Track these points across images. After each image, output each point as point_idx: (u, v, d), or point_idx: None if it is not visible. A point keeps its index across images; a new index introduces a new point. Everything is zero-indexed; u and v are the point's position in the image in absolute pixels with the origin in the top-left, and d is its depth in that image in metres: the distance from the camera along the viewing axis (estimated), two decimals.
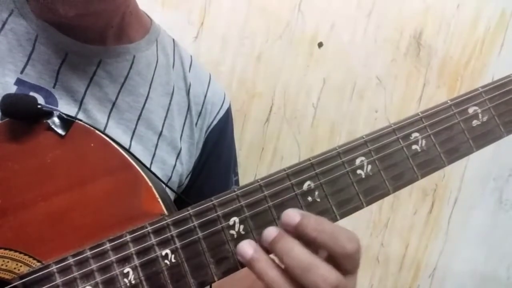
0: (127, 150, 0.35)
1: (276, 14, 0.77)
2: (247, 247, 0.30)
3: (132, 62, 0.47)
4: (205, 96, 0.54)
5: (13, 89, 0.40)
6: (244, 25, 0.76)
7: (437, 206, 0.89)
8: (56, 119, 0.34)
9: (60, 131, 0.34)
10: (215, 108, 0.55)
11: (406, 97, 0.84)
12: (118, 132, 0.44)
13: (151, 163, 0.47)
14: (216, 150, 0.55)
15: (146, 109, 0.47)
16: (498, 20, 0.84)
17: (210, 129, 0.54)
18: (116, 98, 0.45)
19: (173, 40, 0.55)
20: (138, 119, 0.47)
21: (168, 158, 0.49)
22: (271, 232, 0.30)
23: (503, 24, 0.84)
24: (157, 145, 0.48)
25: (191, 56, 0.56)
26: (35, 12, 0.42)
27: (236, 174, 0.60)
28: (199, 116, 0.53)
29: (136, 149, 0.45)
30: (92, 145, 0.34)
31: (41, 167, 0.33)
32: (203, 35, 0.76)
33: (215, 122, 0.55)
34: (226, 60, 0.77)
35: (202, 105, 0.54)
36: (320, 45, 0.79)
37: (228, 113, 0.58)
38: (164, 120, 0.49)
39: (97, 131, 0.35)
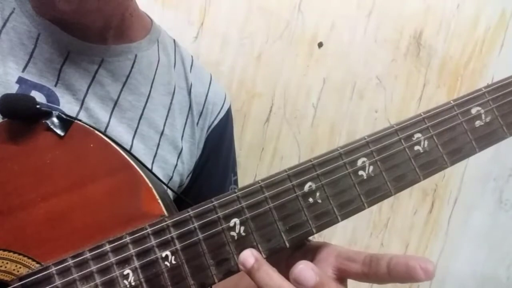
0: (127, 151, 0.35)
1: (276, 14, 0.77)
2: (249, 257, 0.30)
3: (134, 61, 0.47)
4: (206, 96, 0.54)
5: (15, 87, 0.40)
6: (244, 25, 0.76)
7: (437, 206, 0.89)
8: (55, 119, 0.34)
9: (59, 131, 0.34)
10: (216, 108, 0.55)
11: (406, 97, 0.83)
12: (120, 131, 0.44)
13: (153, 162, 0.47)
14: (216, 151, 0.55)
15: (148, 108, 0.47)
16: (498, 20, 0.84)
17: (210, 129, 0.54)
18: (118, 97, 0.45)
19: (174, 40, 0.55)
20: (140, 118, 0.47)
21: (170, 158, 0.49)
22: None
23: (503, 24, 0.84)
24: (158, 144, 0.48)
25: (191, 57, 0.56)
26: (36, 9, 0.42)
27: (235, 174, 0.60)
28: (200, 116, 0.53)
29: (138, 148, 0.45)
30: (91, 145, 0.34)
31: (40, 168, 0.33)
32: (203, 35, 0.75)
33: (216, 122, 0.55)
34: (226, 60, 0.77)
35: (204, 105, 0.54)
36: (320, 45, 0.79)
37: (228, 113, 0.58)
38: (166, 119, 0.49)
39: (96, 131, 0.34)
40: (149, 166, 0.46)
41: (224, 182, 0.57)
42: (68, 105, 0.42)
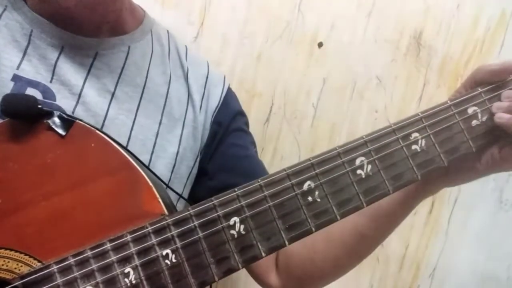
0: (128, 150, 0.35)
1: (276, 14, 0.77)
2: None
3: (128, 53, 0.47)
4: (207, 78, 0.54)
5: (9, 85, 0.40)
6: (244, 25, 0.76)
7: (437, 206, 0.89)
8: (56, 119, 0.34)
9: (60, 131, 0.34)
10: (218, 89, 0.55)
11: (406, 97, 0.83)
12: (118, 123, 0.45)
13: (152, 152, 0.47)
14: (234, 123, 0.54)
15: (144, 98, 0.47)
16: (498, 20, 0.84)
17: (216, 110, 0.54)
18: (115, 89, 0.45)
19: (167, 31, 0.55)
20: (137, 109, 0.47)
21: (169, 146, 0.49)
22: None
23: (503, 24, 0.84)
24: (157, 133, 0.48)
25: (185, 46, 0.56)
26: (31, 5, 0.42)
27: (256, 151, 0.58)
28: (202, 99, 0.53)
29: (136, 139, 0.46)
30: (92, 145, 0.34)
31: (42, 167, 0.33)
32: (203, 35, 0.75)
33: (221, 102, 0.55)
34: (226, 60, 0.77)
35: (205, 87, 0.54)
36: (320, 45, 0.79)
37: (230, 91, 0.57)
38: (163, 108, 0.49)
39: (97, 131, 0.35)
40: (149, 156, 0.46)
41: (253, 149, 0.56)
42: (64, 100, 0.42)
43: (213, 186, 0.51)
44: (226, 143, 0.54)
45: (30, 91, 0.40)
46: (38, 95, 0.40)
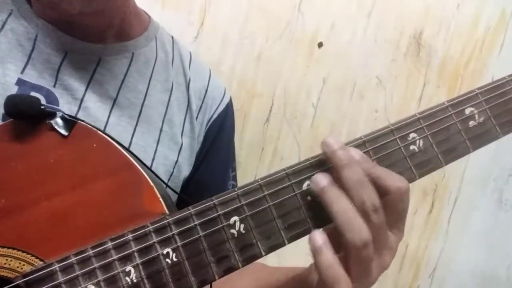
0: (129, 151, 0.36)
1: (276, 14, 0.77)
2: (322, 178, 0.32)
3: (131, 60, 0.48)
4: (206, 91, 0.54)
5: (14, 89, 0.40)
6: (244, 25, 0.77)
7: (437, 206, 0.89)
8: (59, 120, 0.34)
9: (63, 131, 0.34)
10: (215, 102, 0.55)
11: (406, 97, 0.84)
12: (119, 129, 0.45)
13: (153, 159, 0.47)
14: (216, 144, 0.55)
15: (146, 105, 0.48)
16: (498, 20, 0.84)
17: (210, 123, 0.54)
18: (117, 95, 0.46)
19: (172, 37, 0.55)
20: (139, 115, 0.47)
21: (170, 154, 0.49)
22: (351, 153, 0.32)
23: (503, 24, 0.84)
24: (158, 141, 0.48)
25: (190, 53, 0.56)
26: (36, 11, 0.42)
27: (234, 169, 0.60)
28: (199, 110, 0.53)
29: (137, 146, 0.46)
30: (94, 145, 0.34)
31: (44, 167, 0.34)
32: (203, 35, 0.76)
33: (215, 116, 0.55)
34: (226, 60, 0.77)
35: (203, 100, 0.54)
36: (320, 45, 0.79)
37: (228, 107, 0.58)
38: (164, 116, 0.49)
39: (99, 132, 0.35)
40: (150, 163, 0.47)
41: (224, 176, 0.57)
42: (67, 105, 0.42)
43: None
44: (207, 163, 0.54)
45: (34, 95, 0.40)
46: (41, 99, 0.41)
